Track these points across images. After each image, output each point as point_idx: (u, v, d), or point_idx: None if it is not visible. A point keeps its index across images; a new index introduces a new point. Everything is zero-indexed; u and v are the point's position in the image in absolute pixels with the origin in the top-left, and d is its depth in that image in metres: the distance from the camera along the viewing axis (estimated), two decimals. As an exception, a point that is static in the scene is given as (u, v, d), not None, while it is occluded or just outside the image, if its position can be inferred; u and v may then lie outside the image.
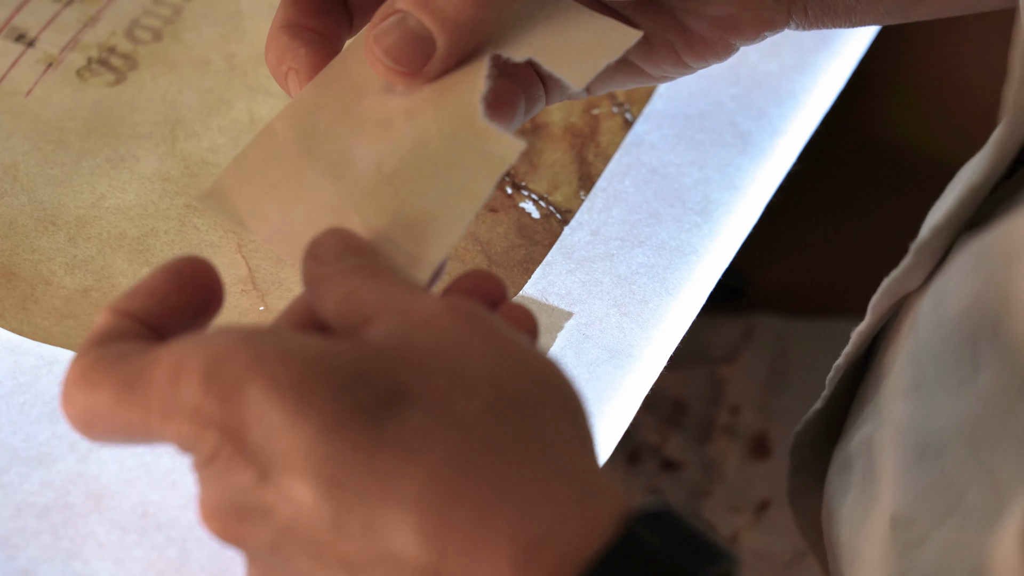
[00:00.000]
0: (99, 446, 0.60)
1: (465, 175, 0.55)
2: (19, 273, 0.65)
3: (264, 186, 0.56)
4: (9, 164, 0.69)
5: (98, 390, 0.46)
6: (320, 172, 0.56)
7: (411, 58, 0.55)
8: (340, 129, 0.57)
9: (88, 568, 0.57)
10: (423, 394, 0.45)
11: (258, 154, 0.57)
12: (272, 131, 0.57)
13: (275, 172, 0.56)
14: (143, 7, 0.75)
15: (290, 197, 0.56)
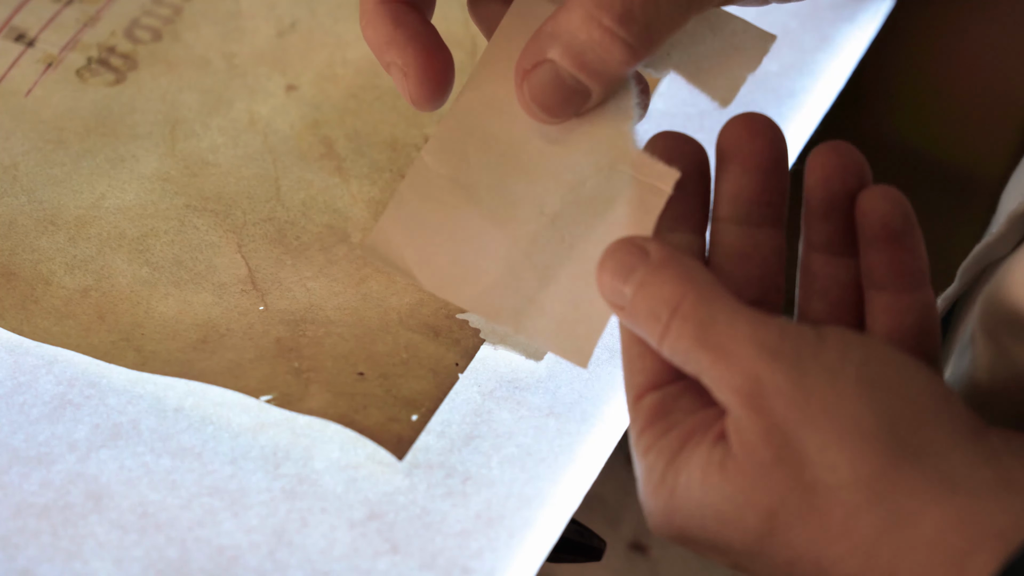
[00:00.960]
0: (100, 445, 0.60)
1: (626, 211, 0.54)
2: (19, 273, 0.65)
3: (427, 231, 0.55)
4: (9, 164, 0.69)
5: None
6: (482, 215, 0.55)
7: (565, 109, 0.55)
8: (492, 163, 0.55)
9: (88, 568, 0.57)
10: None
11: (414, 195, 0.55)
12: (423, 167, 0.56)
13: (435, 215, 0.55)
14: (143, 7, 0.75)
15: (457, 243, 0.55)
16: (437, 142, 0.56)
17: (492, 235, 0.54)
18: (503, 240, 0.54)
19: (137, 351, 0.62)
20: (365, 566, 0.57)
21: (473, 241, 0.54)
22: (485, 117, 0.56)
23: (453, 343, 0.63)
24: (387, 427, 0.60)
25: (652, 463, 0.50)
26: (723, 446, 0.49)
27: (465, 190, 0.55)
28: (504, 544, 0.58)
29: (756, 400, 0.48)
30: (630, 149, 0.54)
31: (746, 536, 0.48)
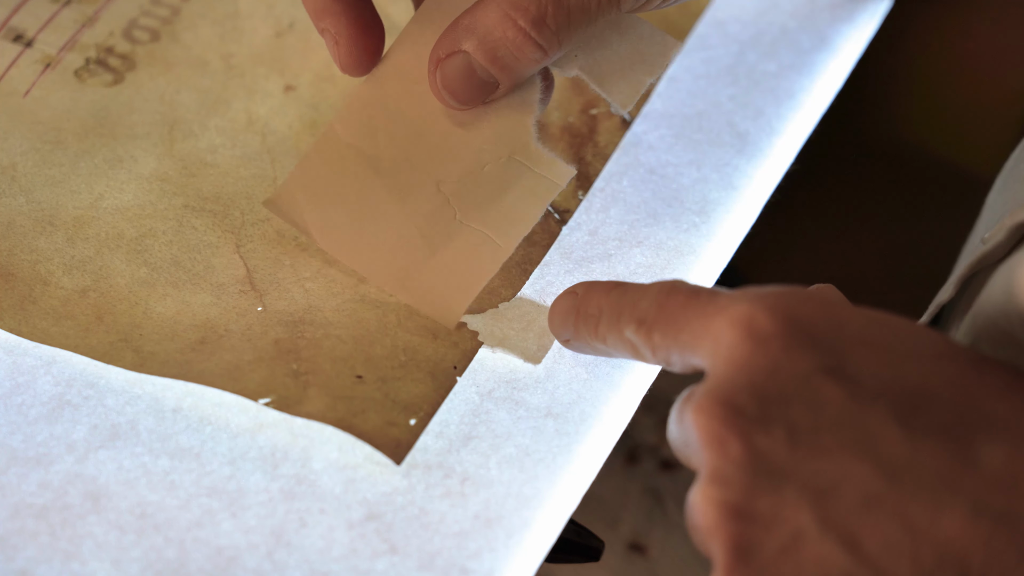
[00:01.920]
0: (98, 446, 0.60)
1: (517, 200, 0.59)
2: (17, 273, 0.65)
3: (330, 195, 0.59)
4: (7, 164, 0.69)
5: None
6: (383, 186, 0.58)
7: (473, 98, 0.59)
8: (398, 137, 0.59)
9: (86, 569, 0.57)
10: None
11: (321, 159, 0.59)
12: (332, 134, 0.59)
13: (339, 180, 0.59)
14: (141, 8, 0.75)
15: (357, 211, 0.58)
16: (348, 112, 0.59)
17: (390, 206, 0.58)
18: (400, 212, 0.58)
19: (135, 352, 0.62)
20: (363, 566, 0.57)
21: (372, 210, 0.58)
22: (397, 93, 0.60)
23: (451, 346, 0.63)
24: (385, 431, 0.60)
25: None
26: None
27: (369, 161, 0.59)
28: (502, 544, 0.58)
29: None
30: (530, 142, 0.58)
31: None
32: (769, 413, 0.45)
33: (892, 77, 0.95)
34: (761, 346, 0.45)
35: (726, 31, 0.75)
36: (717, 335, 0.47)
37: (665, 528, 0.84)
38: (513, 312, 0.64)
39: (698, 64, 0.73)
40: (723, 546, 0.43)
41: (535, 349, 0.63)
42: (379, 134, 0.59)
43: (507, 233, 0.60)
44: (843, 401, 0.44)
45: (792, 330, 0.45)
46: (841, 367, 0.45)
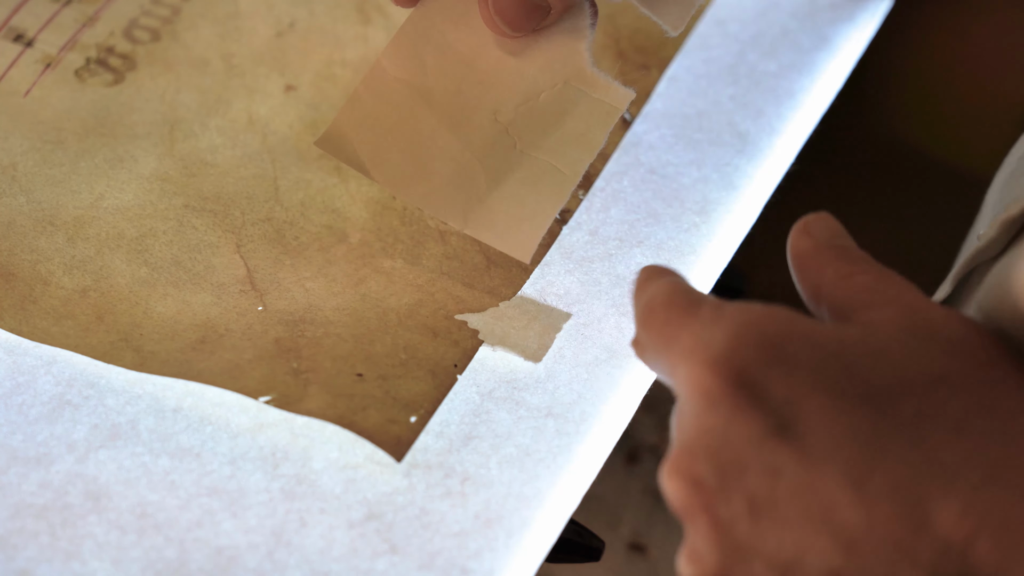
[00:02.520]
0: (98, 445, 0.60)
1: (578, 125, 0.58)
2: (17, 273, 0.65)
3: (381, 130, 0.58)
4: (7, 164, 0.69)
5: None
6: (437, 118, 0.57)
7: (525, 23, 0.58)
8: (448, 70, 0.58)
9: (86, 568, 0.57)
10: (925, 396, 0.45)
11: (370, 95, 0.58)
12: (380, 69, 0.58)
13: (390, 114, 0.58)
14: (141, 7, 0.75)
15: (410, 143, 0.57)
16: (394, 47, 0.58)
17: (445, 138, 0.56)
18: (456, 143, 0.56)
19: (136, 351, 0.62)
20: (364, 566, 0.57)
21: (426, 142, 0.57)
22: (443, 26, 0.59)
23: (452, 344, 0.63)
24: (386, 429, 0.60)
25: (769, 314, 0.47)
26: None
27: (420, 94, 0.58)
28: (503, 544, 0.58)
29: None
30: (585, 67, 0.57)
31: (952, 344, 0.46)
32: (728, 483, 0.44)
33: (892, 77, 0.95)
34: (712, 409, 0.45)
35: (726, 31, 0.75)
36: (679, 387, 0.47)
37: (665, 528, 0.84)
38: (514, 311, 0.64)
39: (699, 64, 0.73)
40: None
41: (536, 348, 0.63)
42: (428, 67, 0.58)
43: (571, 160, 0.58)
44: (796, 466, 0.44)
45: (740, 390, 0.44)
46: (792, 425, 0.44)
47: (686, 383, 0.45)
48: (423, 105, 0.58)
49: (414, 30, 0.59)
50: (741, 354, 0.45)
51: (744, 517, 0.44)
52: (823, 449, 0.44)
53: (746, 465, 0.44)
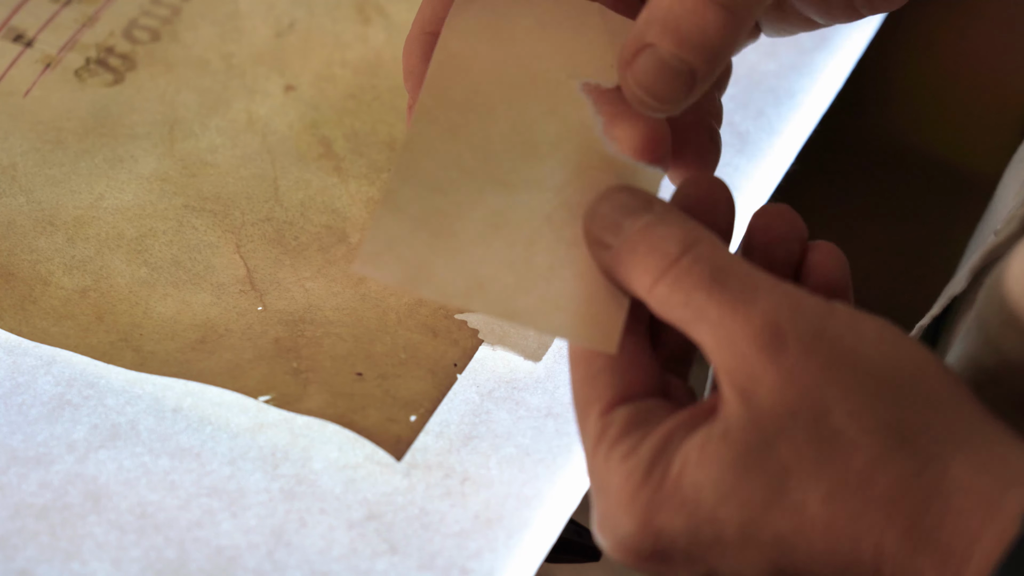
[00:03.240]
0: (98, 445, 0.60)
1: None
2: (17, 273, 0.65)
3: (419, 243, 0.52)
4: (7, 164, 0.69)
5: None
6: (473, 221, 0.52)
7: (674, 93, 0.52)
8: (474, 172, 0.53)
9: (86, 568, 0.57)
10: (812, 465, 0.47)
11: (395, 209, 0.52)
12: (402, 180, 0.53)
13: (424, 227, 0.52)
14: (141, 7, 0.75)
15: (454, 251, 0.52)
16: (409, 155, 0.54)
17: (489, 239, 0.52)
18: (502, 243, 0.52)
19: (135, 351, 0.62)
20: (364, 566, 0.57)
21: (470, 247, 0.52)
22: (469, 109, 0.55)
23: (451, 343, 0.63)
24: (385, 427, 0.60)
25: (633, 467, 0.48)
26: (722, 419, 0.48)
27: (449, 205, 0.53)
28: (502, 544, 0.58)
29: (774, 347, 0.47)
30: (607, 155, 0.54)
31: (750, 507, 0.47)
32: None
33: (892, 77, 0.95)
34: (642, 566, 0.49)
35: (726, 31, 0.75)
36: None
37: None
38: (513, 311, 0.64)
39: (698, 64, 0.73)
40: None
41: (535, 347, 0.63)
42: (451, 176, 0.53)
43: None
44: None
45: (657, 564, 0.49)
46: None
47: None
48: (456, 212, 0.52)
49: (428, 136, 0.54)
50: (652, 514, 0.48)
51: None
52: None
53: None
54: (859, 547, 0.46)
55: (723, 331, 0.48)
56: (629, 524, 0.48)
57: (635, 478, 0.48)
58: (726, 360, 0.48)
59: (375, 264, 0.51)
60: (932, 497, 0.45)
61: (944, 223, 0.98)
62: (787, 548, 0.47)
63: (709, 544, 0.48)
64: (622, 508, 0.48)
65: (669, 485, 0.48)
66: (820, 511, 0.46)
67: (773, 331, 0.47)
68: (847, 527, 0.46)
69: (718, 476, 0.47)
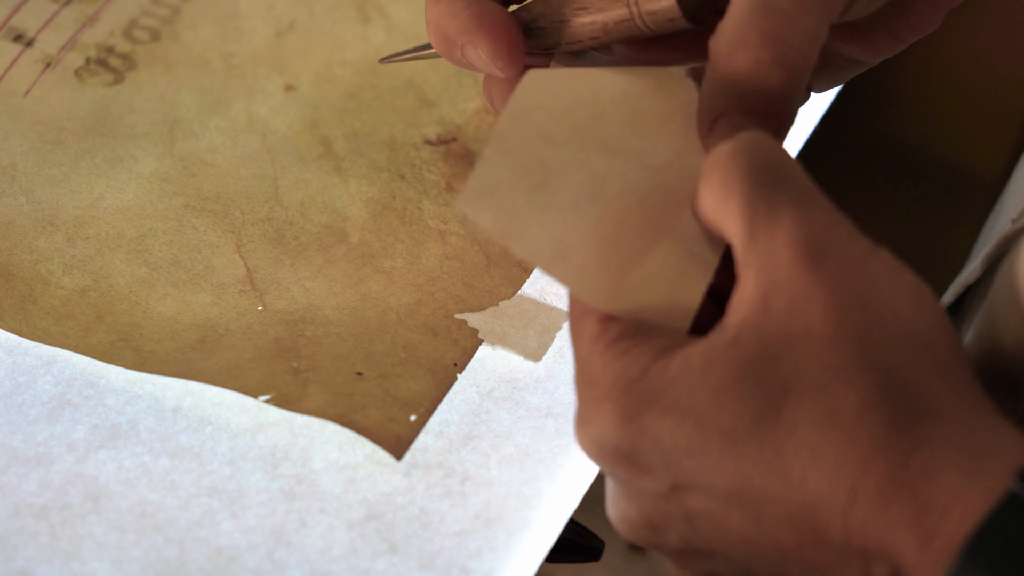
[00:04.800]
0: (98, 445, 0.60)
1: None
2: (17, 273, 0.65)
3: (516, 197, 0.52)
4: (7, 164, 0.69)
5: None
6: (567, 190, 0.52)
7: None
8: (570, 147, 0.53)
9: (86, 568, 0.57)
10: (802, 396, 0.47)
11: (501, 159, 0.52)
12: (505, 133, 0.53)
13: (523, 182, 0.52)
14: (141, 7, 0.75)
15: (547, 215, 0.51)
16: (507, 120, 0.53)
17: (584, 208, 0.52)
18: (594, 213, 0.52)
19: (135, 351, 0.62)
20: (364, 566, 0.57)
21: (565, 210, 0.52)
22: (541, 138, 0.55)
23: (452, 343, 0.63)
24: (385, 427, 0.60)
25: (629, 363, 0.48)
26: (733, 326, 0.47)
27: (554, 157, 0.53)
28: (503, 544, 0.58)
29: (812, 261, 0.47)
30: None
31: (742, 417, 0.46)
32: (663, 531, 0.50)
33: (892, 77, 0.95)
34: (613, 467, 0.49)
35: (726, 31, 0.75)
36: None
37: (666, 528, 0.83)
38: (514, 310, 0.64)
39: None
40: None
41: (536, 347, 0.63)
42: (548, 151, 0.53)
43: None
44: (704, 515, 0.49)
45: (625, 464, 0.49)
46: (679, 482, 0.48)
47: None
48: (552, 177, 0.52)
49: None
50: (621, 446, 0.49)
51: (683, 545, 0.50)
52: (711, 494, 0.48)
53: (658, 512, 0.49)
54: (835, 485, 0.46)
55: (765, 229, 0.47)
56: (613, 419, 0.48)
57: (630, 374, 0.48)
58: (757, 256, 0.47)
59: (476, 205, 0.51)
60: (917, 450, 0.45)
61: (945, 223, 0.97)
62: (765, 467, 0.46)
63: (689, 451, 0.47)
64: (610, 402, 0.48)
65: (663, 384, 0.47)
66: (807, 438, 0.46)
67: (817, 246, 0.47)
68: (828, 461, 0.46)
69: (717, 381, 0.47)
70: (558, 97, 0.54)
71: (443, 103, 0.72)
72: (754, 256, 0.47)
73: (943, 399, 0.46)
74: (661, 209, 0.52)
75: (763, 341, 0.47)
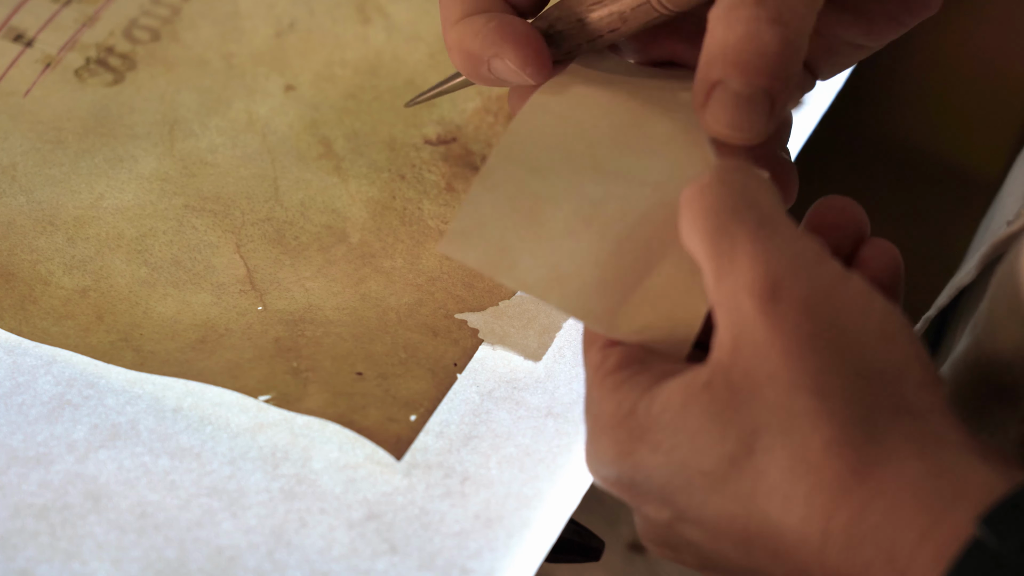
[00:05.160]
0: (98, 445, 0.60)
1: None
2: (17, 273, 0.65)
3: (505, 229, 0.52)
4: (7, 164, 0.69)
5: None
6: (564, 215, 0.52)
7: (755, 121, 0.52)
8: (568, 167, 0.53)
9: (86, 568, 0.57)
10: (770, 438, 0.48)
11: (488, 193, 0.52)
12: (496, 165, 0.53)
13: (514, 214, 0.52)
14: (141, 7, 0.75)
15: (540, 242, 0.52)
16: (508, 141, 0.54)
17: (579, 233, 0.52)
18: (591, 237, 0.52)
19: (136, 351, 0.62)
20: (364, 566, 0.57)
21: (558, 238, 0.52)
22: (554, 127, 0.55)
23: (452, 343, 0.63)
24: (386, 427, 0.60)
25: (624, 396, 0.49)
26: (709, 367, 0.48)
27: (545, 189, 0.53)
28: (503, 544, 0.58)
29: (768, 301, 0.47)
30: (710, 158, 0.54)
31: (719, 460, 0.47)
32: (669, 550, 0.52)
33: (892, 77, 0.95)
34: (620, 495, 0.51)
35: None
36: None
37: (666, 528, 0.83)
38: (513, 310, 0.64)
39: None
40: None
41: (536, 347, 0.63)
42: (544, 165, 0.53)
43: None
44: (699, 543, 0.50)
45: (632, 493, 0.51)
46: (681, 517, 0.50)
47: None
48: (547, 201, 0.52)
49: (526, 130, 0.54)
50: (622, 477, 0.50)
51: (698, 563, 0.52)
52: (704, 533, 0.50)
53: (671, 534, 0.51)
54: (808, 527, 0.46)
55: (728, 272, 0.48)
56: (610, 453, 0.49)
57: (622, 409, 0.49)
58: (724, 296, 0.48)
59: (461, 245, 0.51)
60: (882, 494, 0.46)
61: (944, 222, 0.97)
62: (745, 508, 0.47)
63: (678, 489, 0.48)
64: (607, 435, 0.49)
65: (650, 423, 0.49)
66: (778, 482, 0.47)
67: (775, 285, 0.47)
68: (799, 504, 0.46)
69: (695, 423, 0.48)
70: (549, 129, 0.54)
71: (443, 103, 0.72)
72: (721, 298, 0.48)
73: (910, 437, 0.46)
74: (666, 226, 0.52)
75: (732, 386, 0.47)
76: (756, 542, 0.47)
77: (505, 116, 0.72)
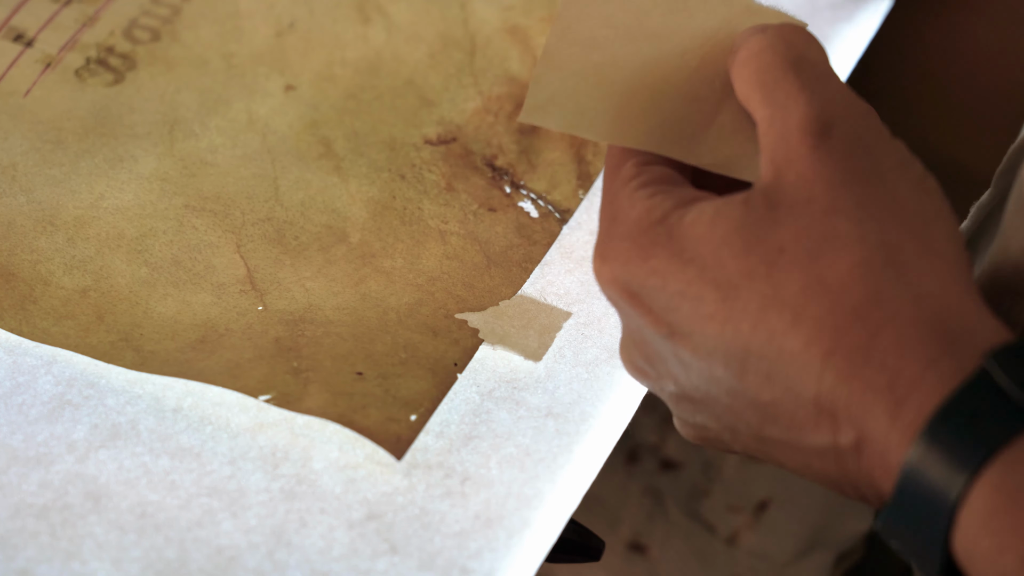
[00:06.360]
0: (98, 445, 0.60)
1: None
2: (17, 273, 0.65)
3: (578, 84, 0.55)
4: (7, 164, 0.69)
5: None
6: (628, 63, 0.55)
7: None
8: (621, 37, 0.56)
9: (86, 568, 0.57)
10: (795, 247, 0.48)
11: (558, 50, 0.56)
12: (564, 23, 0.56)
13: (584, 67, 0.55)
14: (141, 7, 0.75)
15: (612, 91, 0.55)
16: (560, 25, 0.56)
17: (640, 91, 0.54)
18: (652, 93, 0.54)
19: (136, 351, 0.62)
20: (364, 566, 0.57)
21: (625, 93, 0.54)
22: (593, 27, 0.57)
23: (452, 343, 0.63)
24: (386, 427, 0.60)
25: (654, 205, 0.50)
26: (748, 192, 0.49)
27: (603, 57, 0.55)
28: (503, 544, 0.58)
29: (818, 137, 0.49)
30: (751, 5, 0.56)
31: (736, 272, 0.48)
32: (654, 366, 0.52)
33: (893, 77, 0.95)
34: (623, 314, 0.52)
35: (726, 31, 0.75)
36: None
37: (665, 528, 0.84)
38: (514, 310, 0.64)
39: (698, 64, 0.73)
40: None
41: (536, 347, 0.63)
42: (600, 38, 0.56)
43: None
44: (690, 356, 0.50)
45: (634, 301, 0.51)
46: (675, 324, 0.50)
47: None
48: (611, 58, 0.55)
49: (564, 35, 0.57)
50: (629, 272, 0.51)
51: (678, 391, 0.52)
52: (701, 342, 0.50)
53: (657, 354, 0.51)
54: (812, 347, 0.47)
55: (780, 110, 0.50)
56: (628, 256, 0.50)
57: (652, 216, 0.50)
58: (773, 136, 0.49)
59: (539, 114, 0.54)
60: (894, 321, 0.46)
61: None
62: (751, 321, 0.48)
63: (688, 298, 0.49)
64: (628, 240, 0.50)
65: (678, 231, 0.49)
66: (792, 299, 0.47)
67: (824, 123, 0.49)
68: (808, 324, 0.47)
69: (721, 234, 0.49)
70: (599, 8, 0.56)
71: (443, 103, 0.72)
72: (771, 138, 0.50)
73: (931, 279, 0.47)
74: (721, 75, 0.54)
75: (770, 205, 0.49)
76: (751, 362, 0.48)
77: (505, 116, 0.72)
